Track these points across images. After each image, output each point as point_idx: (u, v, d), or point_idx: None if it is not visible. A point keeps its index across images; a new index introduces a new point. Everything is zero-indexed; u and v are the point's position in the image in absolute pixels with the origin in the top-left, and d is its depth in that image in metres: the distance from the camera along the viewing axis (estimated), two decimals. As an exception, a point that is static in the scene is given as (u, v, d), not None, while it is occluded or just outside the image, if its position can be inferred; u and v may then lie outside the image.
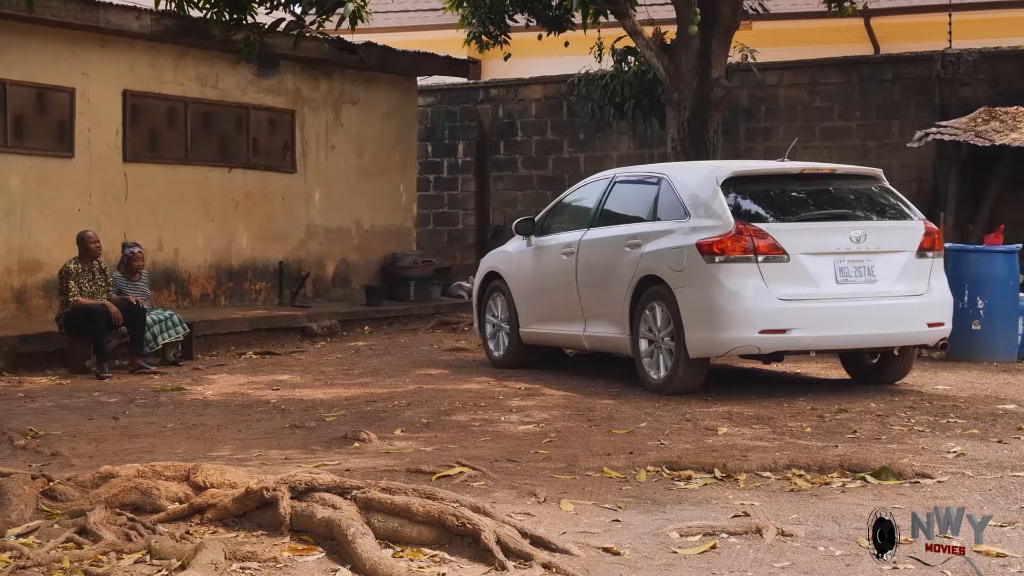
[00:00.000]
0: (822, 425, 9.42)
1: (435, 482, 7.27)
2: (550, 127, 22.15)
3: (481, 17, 18.43)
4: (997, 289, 13.12)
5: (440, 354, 14.69)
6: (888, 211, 11.42)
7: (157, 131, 17.04)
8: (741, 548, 5.95)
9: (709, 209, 10.93)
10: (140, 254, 14.32)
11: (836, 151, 19.18)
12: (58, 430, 9.59)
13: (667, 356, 11.02)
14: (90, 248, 13.63)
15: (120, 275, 14.14)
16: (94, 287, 13.48)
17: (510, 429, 9.44)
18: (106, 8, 15.74)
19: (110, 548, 5.68)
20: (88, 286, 13.42)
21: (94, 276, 13.59)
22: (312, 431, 9.49)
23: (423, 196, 22.38)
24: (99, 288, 13.54)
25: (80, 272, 13.44)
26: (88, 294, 13.37)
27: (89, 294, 13.38)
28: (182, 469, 6.62)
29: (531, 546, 5.65)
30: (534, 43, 19.06)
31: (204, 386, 12.18)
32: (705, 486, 7.37)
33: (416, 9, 27.69)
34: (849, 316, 10.77)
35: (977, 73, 18.53)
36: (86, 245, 13.66)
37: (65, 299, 13.35)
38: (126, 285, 14.05)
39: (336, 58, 18.16)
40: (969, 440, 8.72)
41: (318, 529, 5.85)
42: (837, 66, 20.05)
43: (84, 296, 13.32)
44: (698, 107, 16.52)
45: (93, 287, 13.47)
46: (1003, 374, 12.20)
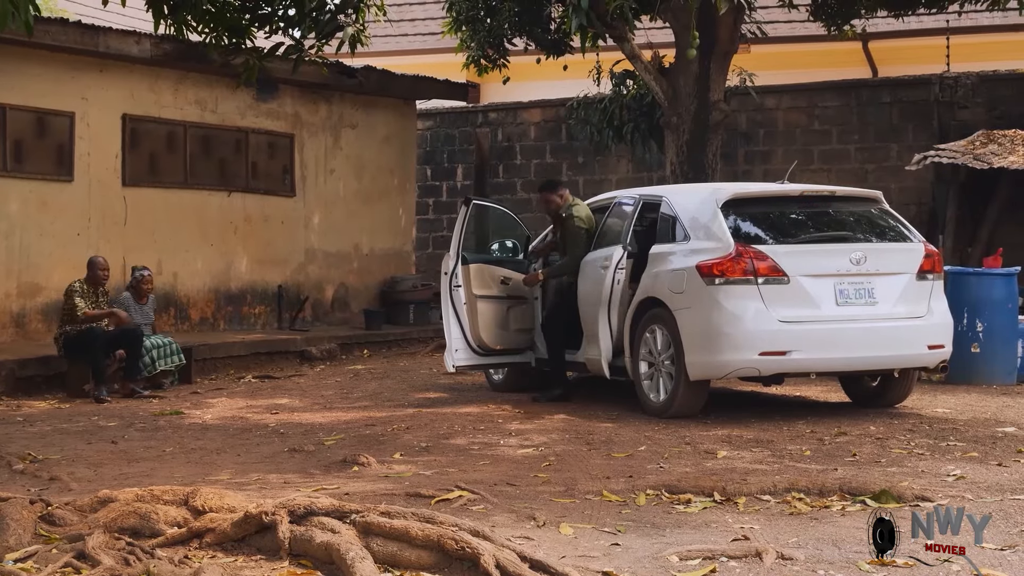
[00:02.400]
0: (822, 448, 9.40)
1: (434, 506, 7.26)
2: (549, 150, 22.19)
3: (480, 41, 18.48)
4: (996, 312, 13.11)
5: (439, 377, 14.68)
6: (888, 233, 11.42)
7: (156, 155, 17.05)
8: (741, 572, 5.93)
9: (709, 231, 10.93)
10: (149, 277, 14.42)
11: (835, 174, 19.21)
12: (57, 454, 9.58)
13: (667, 379, 11.01)
14: (98, 274, 13.78)
15: (128, 297, 14.20)
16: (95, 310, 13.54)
17: (509, 452, 9.42)
18: (105, 33, 15.78)
19: (108, 573, 5.66)
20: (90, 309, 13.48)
21: (97, 300, 13.68)
22: (311, 455, 9.47)
23: (422, 220, 22.40)
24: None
25: (85, 292, 13.54)
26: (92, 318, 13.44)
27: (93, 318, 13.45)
28: (181, 493, 6.60)
29: (530, 570, 5.63)
30: (533, 67, 19.10)
31: (203, 410, 12.17)
32: (705, 509, 7.35)
33: (415, 33, 27.74)
34: (849, 338, 10.75)
35: (975, 96, 18.59)
36: (95, 271, 13.78)
37: (70, 316, 13.38)
38: (133, 308, 14.09)
39: (335, 82, 18.20)
40: (969, 463, 8.70)
41: (317, 553, 5.83)
42: (835, 89, 20.11)
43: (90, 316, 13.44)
44: (697, 130, 16.54)
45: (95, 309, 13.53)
46: (1002, 397, 12.19)
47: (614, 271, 11.57)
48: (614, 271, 11.57)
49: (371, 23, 12.37)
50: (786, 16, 21.95)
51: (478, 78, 20.23)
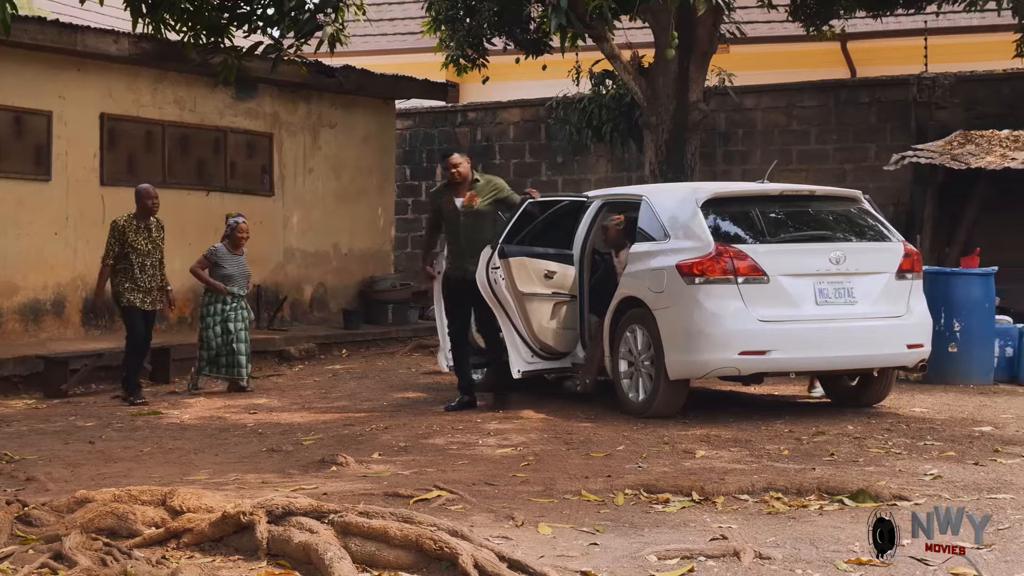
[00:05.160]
0: (800, 448, 9.42)
1: (413, 506, 7.25)
2: (528, 150, 22.19)
3: (459, 40, 18.48)
4: (974, 312, 13.15)
5: (418, 377, 14.67)
6: (868, 233, 11.45)
7: (135, 154, 16.99)
8: (719, 571, 5.94)
9: (689, 230, 10.93)
10: (245, 225, 13.67)
11: (813, 174, 19.26)
12: (33, 454, 9.54)
13: (647, 379, 11.02)
14: (147, 204, 12.88)
15: (223, 248, 13.54)
16: (150, 245, 12.84)
17: (488, 452, 9.42)
18: (84, 32, 15.72)
19: (85, 573, 5.64)
20: (144, 244, 12.78)
21: (151, 233, 12.90)
22: (289, 455, 9.45)
23: (401, 219, 22.39)
24: (156, 247, 12.91)
25: (137, 228, 12.78)
26: (144, 252, 12.76)
27: (145, 252, 12.77)
28: (159, 493, 6.58)
29: (509, 570, 5.63)
30: (512, 67, 19.11)
31: (181, 410, 12.13)
32: (683, 509, 7.35)
33: (395, 33, 27.72)
34: (829, 337, 10.77)
35: (953, 97, 18.65)
36: (144, 200, 12.90)
37: (121, 257, 12.72)
38: (228, 259, 13.47)
39: (314, 81, 18.17)
40: (946, 463, 8.73)
41: (295, 553, 5.82)
42: (814, 89, 20.16)
43: (141, 250, 12.71)
44: (676, 130, 16.57)
45: (150, 244, 12.84)
46: (980, 396, 12.23)
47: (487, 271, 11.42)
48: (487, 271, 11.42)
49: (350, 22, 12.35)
50: (765, 16, 22.03)
51: (457, 78, 20.21)
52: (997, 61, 19.84)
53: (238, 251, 13.62)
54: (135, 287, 12.79)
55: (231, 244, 13.60)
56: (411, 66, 22.20)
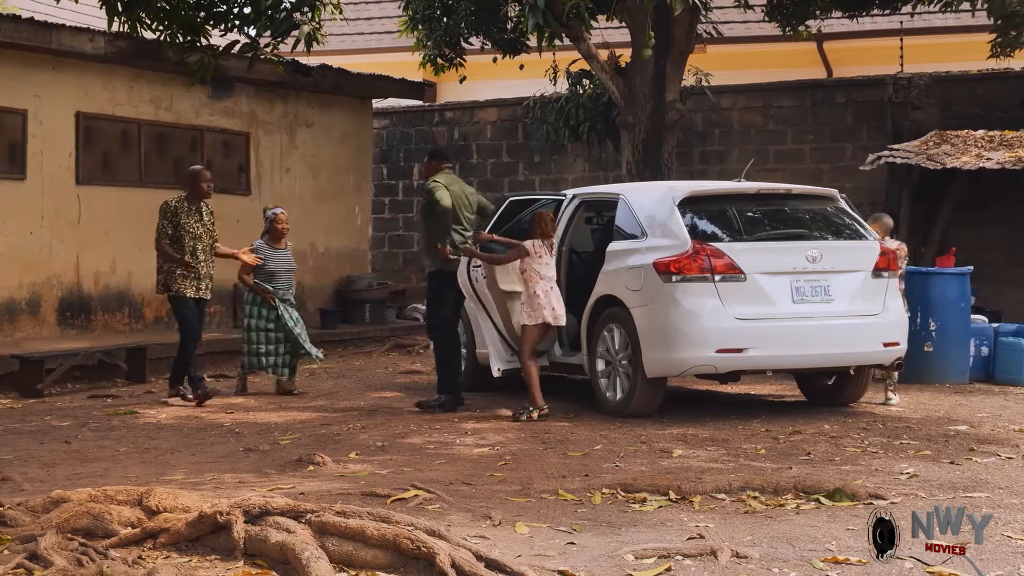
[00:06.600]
0: (776, 447, 9.44)
1: (390, 505, 7.24)
2: (505, 150, 22.18)
3: (436, 40, 18.47)
4: (949, 311, 13.20)
5: (395, 377, 14.65)
6: (844, 231, 11.49)
7: (111, 153, 16.92)
8: (696, 570, 5.95)
9: (666, 229, 10.95)
10: (284, 216, 13.16)
11: (789, 174, 19.29)
12: (9, 454, 9.49)
13: (624, 378, 11.03)
14: (200, 187, 12.38)
15: (263, 244, 13.08)
16: (202, 229, 12.36)
17: (465, 452, 9.42)
18: (59, 30, 15.63)
19: (61, 574, 5.62)
20: (196, 227, 12.30)
21: (202, 217, 12.39)
22: (266, 454, 9.44)
23: (378, 219, 22.37)
24: (208, 231, 12.40)
25: (188, 211, 12.27)
26: (196, 236, 12.27)
27: (197, 236, 12.28)
28: (135, 493, 6.56)
29: (486, 569, 5.63)
30: (489, 66, 19.09)
31: (157, 409, 12.09)
32: (660, 508, 7.37)
33: (371, 32, 27.68)
34: (805, 335, 10.81)
35: (928, 97, 18.71)
36: (198, 183, 12.38)
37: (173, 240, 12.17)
38: (270, 254, 13.00)
39: (291, 80, 18.13)
40: (922, 461, 8.76)
41: (272, 553, 5.81)
42: (790, 90, 20.20)
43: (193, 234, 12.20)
44: (653, 130, 16.59)
45: (201, 228, 12.35)
46: (955, 395, 12.28)
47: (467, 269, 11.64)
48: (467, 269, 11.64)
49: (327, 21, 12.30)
50: (742, 16, 22.06)
51: (434, 77, 20.18)
52: (972, 61, 19.91)
53: (280, 244, 13.17)
54: (186, 273, 12.29)
55: (272, 238, 13.14)
56: (388, 65, 22.18)
